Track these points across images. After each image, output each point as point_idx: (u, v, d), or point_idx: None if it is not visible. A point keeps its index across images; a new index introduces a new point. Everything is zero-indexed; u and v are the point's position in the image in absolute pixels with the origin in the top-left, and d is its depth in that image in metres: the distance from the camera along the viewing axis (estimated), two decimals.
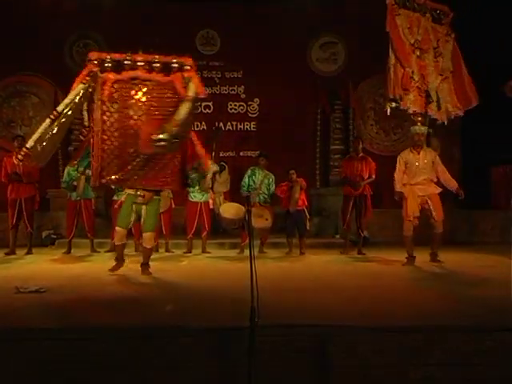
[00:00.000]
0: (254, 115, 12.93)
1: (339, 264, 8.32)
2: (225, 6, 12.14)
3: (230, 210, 8.67)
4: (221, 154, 11.38)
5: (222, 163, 9.99)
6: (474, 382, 4.08)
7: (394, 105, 7.94)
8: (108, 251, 9.36)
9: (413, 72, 7.98)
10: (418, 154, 7.87)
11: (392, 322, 4.44)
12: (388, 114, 8.22)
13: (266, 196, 9.31)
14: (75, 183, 9.17)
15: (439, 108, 8.15)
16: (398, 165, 7.98)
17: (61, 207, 10.41)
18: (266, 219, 8.93)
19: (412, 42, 8.07)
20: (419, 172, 7.83)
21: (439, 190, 7.88)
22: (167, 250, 9.40)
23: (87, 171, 9.42)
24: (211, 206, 9.35)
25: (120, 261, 7.14)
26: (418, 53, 8.11)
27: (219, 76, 12.79)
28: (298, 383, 4.06)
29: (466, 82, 8.40)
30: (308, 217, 9.42)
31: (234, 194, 10.29)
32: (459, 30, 10.58)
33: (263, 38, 12.30)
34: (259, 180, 9.31)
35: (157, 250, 9.41)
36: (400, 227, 8.09)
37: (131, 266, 8.09)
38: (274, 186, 9.36)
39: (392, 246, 9.51)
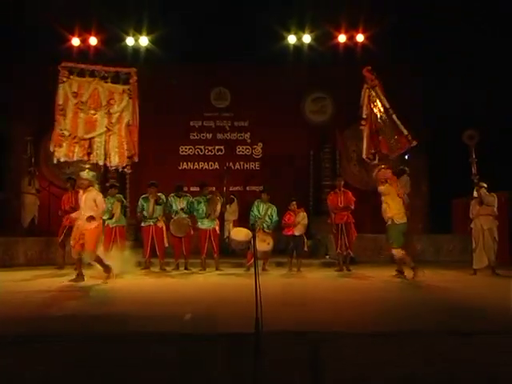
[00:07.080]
0: (258, 157, 13.04)
1: (330, 280, 8.19)
2: (235, 67, 12.32)
3: (239, 234, 8.65)
4: (231, 189, 11.37)
5: (232, 196, 9.97)
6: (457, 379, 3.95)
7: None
8: (143, 269, 9.19)
9: (62, 129, 7.87)
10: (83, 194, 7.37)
11: (374, 328, 4.36)
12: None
13: (268, 224, 9.24)
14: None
15: (100, 156, 7.99)
16: None
17: None
18: (268, 243, 8.90)
19: (75, 102, 7.96)
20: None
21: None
22: (186, 268, 9.29)
23: (124, 200, 9.47)
24: (218, 232, 9.30)
25: None
26: (88, 111, 7.98)
27: (229, 125, 12.99)
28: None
29: None
30: (306, 240, 9.31)
31: (241, 222, 10.26)
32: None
33: (266, 93, 12.47)
34: (263, 211, 9.25)
35: (177, 268, 9.34)
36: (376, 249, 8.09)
37: (154, 281, 8.04)
38: (276, 215, 9.29)
39: (371, 264, 9.70)
